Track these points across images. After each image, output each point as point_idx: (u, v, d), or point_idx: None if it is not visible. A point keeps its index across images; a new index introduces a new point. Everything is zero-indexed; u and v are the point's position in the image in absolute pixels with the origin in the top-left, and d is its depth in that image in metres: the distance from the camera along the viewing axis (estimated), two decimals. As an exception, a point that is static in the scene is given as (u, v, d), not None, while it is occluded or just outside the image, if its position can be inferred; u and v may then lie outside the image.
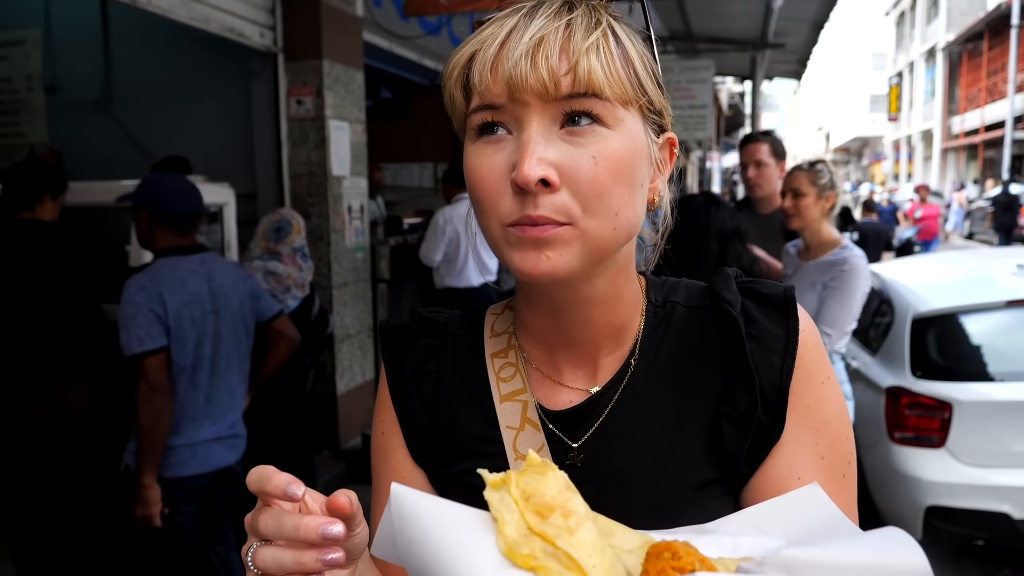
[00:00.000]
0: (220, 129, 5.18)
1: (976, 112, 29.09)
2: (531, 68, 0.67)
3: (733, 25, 9.85)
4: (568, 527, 0.54)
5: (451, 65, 0.74)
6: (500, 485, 0.57)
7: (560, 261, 0.69)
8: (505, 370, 0.84)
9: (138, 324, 2.54)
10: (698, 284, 0.86)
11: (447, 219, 5.48)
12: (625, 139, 0.71)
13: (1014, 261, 4.28)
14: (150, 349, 2.54)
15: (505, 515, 0.54)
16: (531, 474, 0.58)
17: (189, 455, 2.73)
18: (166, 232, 2.71)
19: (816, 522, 0.63)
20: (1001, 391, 3.53)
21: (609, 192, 0.69)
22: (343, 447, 5.11)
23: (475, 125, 0.72)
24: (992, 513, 3.40)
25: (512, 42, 0.69)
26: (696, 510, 0.74)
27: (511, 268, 0.72)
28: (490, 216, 0.71)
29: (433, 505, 0.55)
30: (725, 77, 16.81)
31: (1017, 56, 24.38)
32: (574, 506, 0.56)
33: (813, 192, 2.99)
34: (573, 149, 0.69)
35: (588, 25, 0.70)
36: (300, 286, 3.67)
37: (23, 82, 5.72)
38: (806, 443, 0.76)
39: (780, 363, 0.76)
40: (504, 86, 0.68)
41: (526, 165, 0.66)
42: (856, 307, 2.89)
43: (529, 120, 0.69)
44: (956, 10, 33.49)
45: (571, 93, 0.68)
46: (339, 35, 4.95)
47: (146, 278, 2.61)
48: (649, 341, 0.82)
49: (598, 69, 0.68)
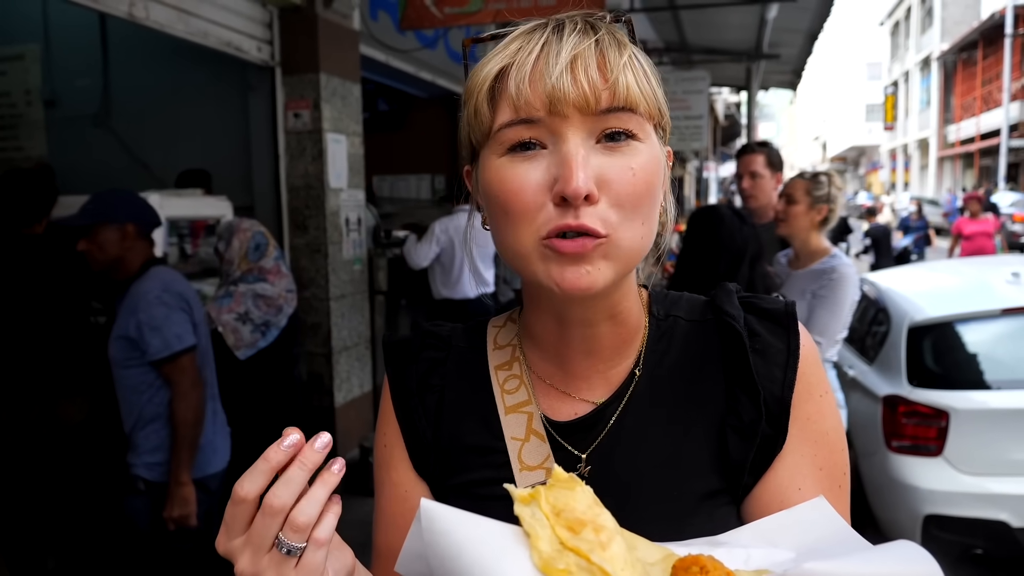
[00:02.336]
0: (218, 142, 5.19)
1: (971, 121, 29.21)
2: (572, 82, 0.69)
3: (728, 36, 9.90)
4: (600, 542, 0.55)
5: (480, 78, 0.74)
6: (529, 500, 0.58)
7: (599, 276, 0.71)
8: (509, 382, 0.85)
9: (175, 323, 2.60)
10: (698, 298, 0.88)
11: (444, 228, 5.52)
12: (652, 152, 0.74)
13: (1009, 269, 4.30)
14: (190, 345, 2.62)
15: (538, 530, 0.55)
16: (559, 489, 0.59)
17: (211, 452, 2.79)
18: (146, 243, 2.77)
19: (825, 535, 0.64)
20: (998, 399, 3.53)
21: (642, 203, 0.72)
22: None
23: (506, 141, 0.73)
24: (990, 521, 3.40)
25: (549, 56, 0.70)
26: (701, 520, 0.76)
27: (545, 283, 0.72)
28: (523, 229, 0.72)
29: (465, 520, 0.55)
30: (721, 88, 16.86)
31: (1011, 65, 24.50)
32: (604, 521, 0.57)
33: (806, 201, 3.01)
34: (612, 160, 0.71)
35: (616, 44, 0.72)
36: (289, 300, 3.56)
37: (22, 96, 5.73)
38: (806, 455, 0.78)
39: (782, 376, 0.78)
40: (545, 99, 0.70)
41: (575, 179, 0.68)
42: (845, 315, 2.91)
43: (568, 133, 0.70)
44: (950, 19, 33.68)
45: (610, 107, 0.70)
46: (336, 48, 4.97)
47: (159, 282, 2.65)
48: (652, 353, 0.83)
49: (634, 85, 0.71)
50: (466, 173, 0.83)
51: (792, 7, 7.73)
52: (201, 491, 2.72)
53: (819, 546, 0.62)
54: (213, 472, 2.81)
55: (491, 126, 0.73)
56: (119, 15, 3.63)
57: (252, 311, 3.39)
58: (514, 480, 0.79)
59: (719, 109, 21.74)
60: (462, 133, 0.79)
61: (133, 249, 2.71)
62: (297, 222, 4.96)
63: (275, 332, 3.47)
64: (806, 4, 7.76)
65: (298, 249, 4.91)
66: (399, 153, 8.21)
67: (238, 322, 3.35)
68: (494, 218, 0.76)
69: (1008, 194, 20.88)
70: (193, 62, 5.03)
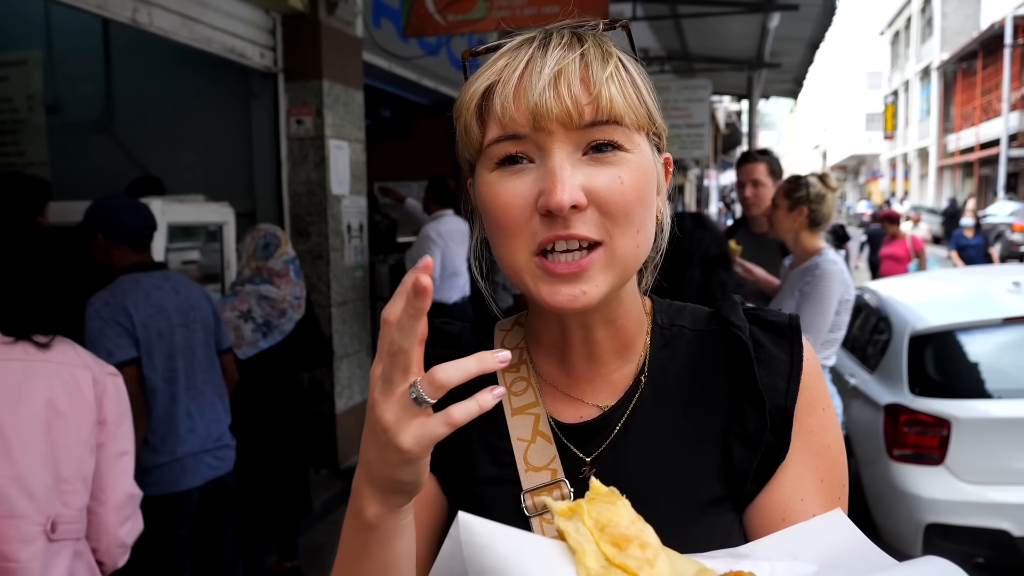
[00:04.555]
0: (220, 148, 5.20)
1: (971, 130, 29.23)
2: (555, 98, 0.70)
3: (729, 45, 9.92)
4: (647, 559, 0.54)
5: (468, 96, 0.75)
6: (571, 514, 0.57)
7: (595, 293, 0.72)
8: (517, 384, 0.86)
9: (107, 338, 2.55)
10: (703, 309, 0.90)
11: (439, 232, 5.45)
12: (642, 161, 0.75)
13: (1010, 279, 4.30)
14: (120, 361, 2.54)
15: (584, 546, 0.54)
16: (600, 503, 0.58)
17: (179, 470, 2.73)
18: (125, 250, 2.74)
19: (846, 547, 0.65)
20: (999, 408, 3.53)
21: (634, 210, 0.73)
22: (341, 466, 5.08)
23: (495, 156, 0.74)
24: (992, 530, 3.39)
25: (532, 73, 0.71)
26: (704, 527, 0.77)
27: (537, 300, 0.74)
28: (515, 243, 0.73)
29: (506, 534, 0.54)
30: (722, 96, 16.90)
31: (1011, 75, 24.55)
32: (648, 537, 0.56)
33: (785, 204, 3.05)
34: (599, 170, 0.72)
35: (601, 56, 0.73)
36: (296, 306, 3.57)
37: (24, 102, 5.73)
38: (808, 466, 0.79)
39: (785, 387, 0.80)
40: (529, 115, 0.71)
41: (558, 191, 0.69)
42: (830, 311, 2.91)
43: (553, 148, 0.71)
44: (950, 29, 33.76)
45: (594, 121, 0.71)
46: (339, 55, 4.99)
47: (109, 294, 2.63)
48: (657, 361, 0.85)
49: (618, 98, 0.72)
50: (469, 184, 0.85)
51: (793, 16, 7.75)
52: (172, 509, 2.70)
53: (841, 559, 0.62)
54: (183, 489, 2.73)
55: (481, 142, 0.75)
56: (123, 21, 3.64)
57: (255, 310, 3.42)
58: (519, 480, 0.80)
59: (720, 117, 21.79)
60: (458, 148, 0.81)
61: (111, 256, 2.71)
62: (299, 228, 4.96)
63: (278, 336, 3.47)
64: (807, 14, 7.78)
65: (300, 255, 4.89)
66: (401, 160, 8.21)
67: (240, 320, 3.38)
68: (490, 232, 0.77)
69: (1007, 203, 20.90)
70: (196, 68, 5.04)
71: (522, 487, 0.80)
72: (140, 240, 2.78)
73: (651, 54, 10.53)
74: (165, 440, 2.71)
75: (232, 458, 2.94)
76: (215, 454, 2.86)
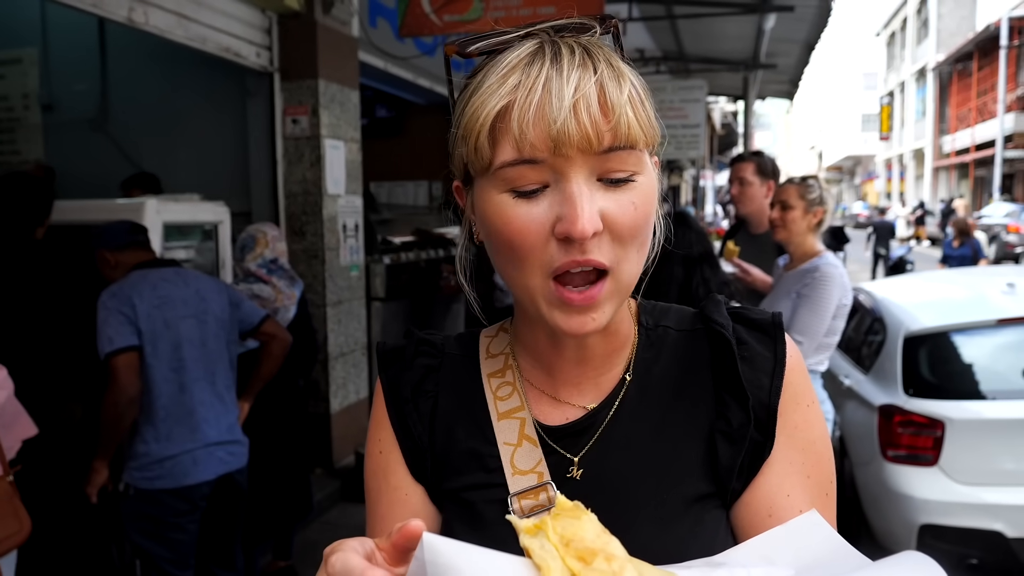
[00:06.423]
0: (215, 148, 5.20)
1: (967, 131, 29.32)
2: (576, 124, 0.69)
3: (725, 46, 9.94)
4: (613, 571, 0.54)
5: (481, 113, 0.72)
6: (536, 531, 0.56)
7: (603, 319, 0.74)
8: (502, 389, 0.87)
9: (109, 325, 2.64)
10: (687, 310, 0.90)
11: None
12: (650, 179, 0.76)
13: (1004, 280, 4.32)
14: (119, 347, 2.63)
15: (549, 562, 0.54)
16: (565, 518, 0.57)
17: (190, 462, 2.75)
18: (131, 253, 2.83)
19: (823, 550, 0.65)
20: (993, 409, 3.54)
21: (642, 231, 0.75)
22: (336, 465, 5.08)
23: (508, 179, 0.72)
24: (985, 531, 3.40)
25: (552, 97, 0.70)
26: (691, 523, 0.78)
27: (549, 323, 0.75)
28: (529, 267, 0.74)
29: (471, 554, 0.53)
30: (718, 97, 16.93)
31: (1006, 76, 24.63)
32: (614, 549, 0.56)
33: (801, 206, 3.04)
34: (615, 196, 0.72)
35: (616, 77, 0.72)
36: (287, 306, 3.54)
37: (19, 100, 5.73)
38: (793, 462, 0.80)
39: (769, 383, 0.80)
40: (550, 142, 0.70)
41: (580, 220, 0.69)
42: (827, 315, 2.91)
43: (571, 173, 0.71)
44: (946, 31, 33.87)
45: (612, 147, 0.71)
46: (335, 55, 4.98)
47: (117, 287, 2.73)
48: (642, 361, 0.86)
49: (635, 121, 0.72)
50: (456, 188, 0.83)
51: (789, 18, 7.77)
52: (182, 502, 2.74)
53: (818, 562, 0.62)
54: (194, 483, 2.75)
55: (491, 161, 0.73)
56: (118, 20, 3.63)
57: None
58: (506, 484, 0.81)
59: (716, 118, 21.84)
60: (455, 154, 0.79)
61: (120, 263, 2.82)
62: (295, 228, 4.96)
63: None
64: (803, 15, 7.81)
65: (295, 255, 4.91)
66: (397, 159, 8.22)
67: None
68: (497, 251, 0.77)
69: (1003, 204, 21.00)
70: (192, 67, 5.04)
71: (509, 491, 0.80)
72: (140, 239, 2.86)
73: (647, 54, 10.54)
74: (174, 431, 2.73)
75: (244, 455, 2.94)
76: (227, 448, 2.87)
